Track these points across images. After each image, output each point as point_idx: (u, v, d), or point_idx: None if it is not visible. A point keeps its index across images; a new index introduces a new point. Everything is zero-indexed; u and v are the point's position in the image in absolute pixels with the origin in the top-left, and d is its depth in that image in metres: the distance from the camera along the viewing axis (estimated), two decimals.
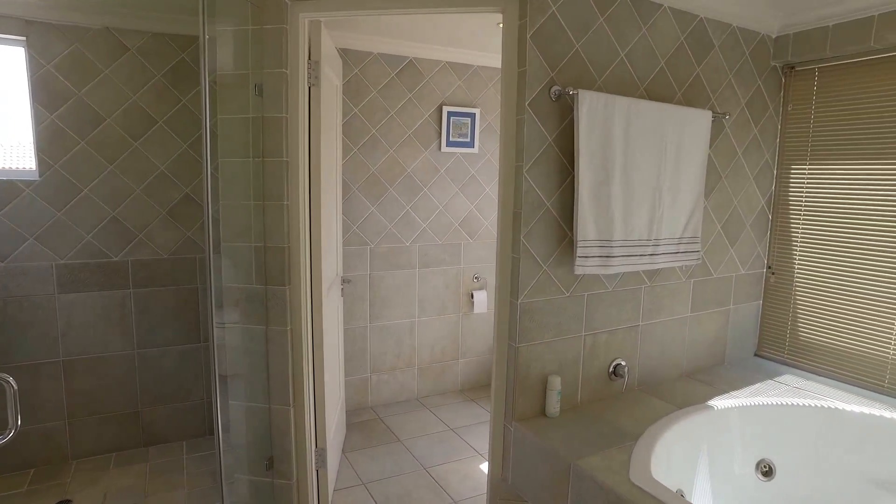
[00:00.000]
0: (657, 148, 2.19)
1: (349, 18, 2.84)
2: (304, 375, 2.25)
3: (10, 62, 2.60)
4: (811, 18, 2.45)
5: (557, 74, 2.03)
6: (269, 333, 2.23)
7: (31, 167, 2.65)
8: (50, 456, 2.76)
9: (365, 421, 3.38)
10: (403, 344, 3.63)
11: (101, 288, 2.78)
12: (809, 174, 2.61)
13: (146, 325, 2.89)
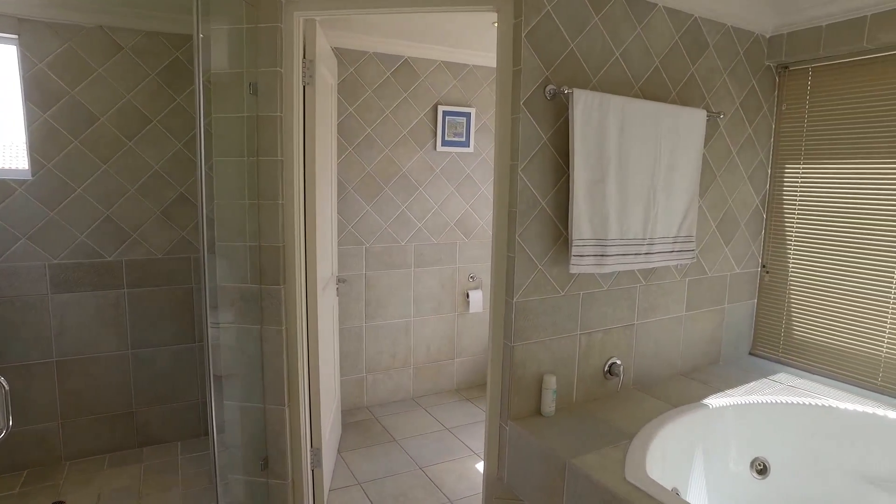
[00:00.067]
0: (652, 147, 2.20)
1: (344, 17, 2.83)
2: (299, 375, 2.24)
3: (1, 60, 2.58)
4: (804, 18, 2.46)
5: (552, 73, 2.03)
6: (264, 333, 2.22)
7: (23, 167, 2.64)
8: (43, 457, 2.74)
9: (360, 421, 3.38)
10: (399, 343, 3.63)
11: (94, 288, 2.76)
12: (803, 173, 2.62)
13: (140, 325, 2.88)
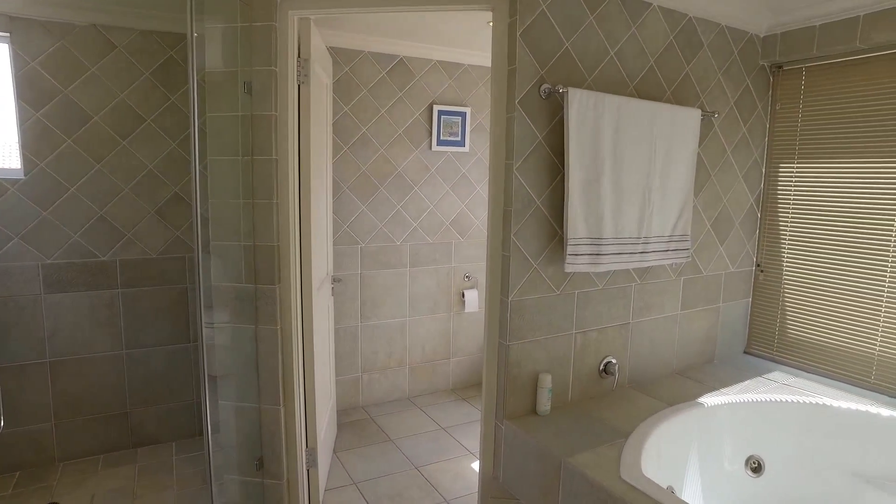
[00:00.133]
0: (647, 146, 2.20)
1: (339, 16, 2.83)
2: (294, 375, 2.23)
3: None
4: (798, 18, 2.47)
5: (547, 73, 2.03)
6: (258, 333, 2.21)
7: (16, 166, 2.62)
8: (36, 458, 2.72)
9: (356, 420, 3.37)
10: (394, 343, 3.62)
11: (88, 288, 2.75)
12: (797, 173, 2.64)
13: (135, 325, 2.87)
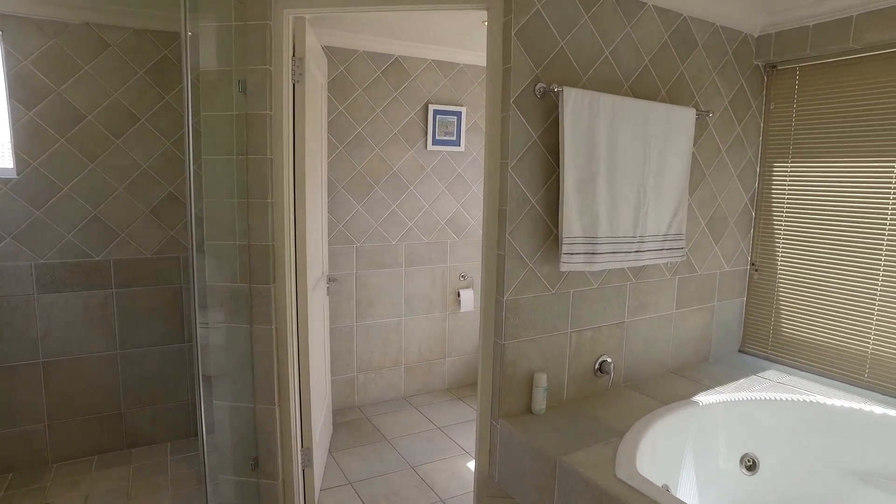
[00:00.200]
0: (642, 145, 2.21)
1: (334, 15, 2.82)
2: (289, 375, 2.23)
3: None
4: (792, 18, 2.48)
5: (542, 72, 2.03)
6: (253, 333, 2.21)
7: (8, 165, 2.60)
8: (29, 459, 2.71)
9: (351, 420, 3.37)
10: (390, 343, 3.62)
11: (82, 288, 2.73)
12: (791, 172, 2.65)
13: (129, 325, 2.85)
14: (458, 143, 3.63)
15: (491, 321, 2.13)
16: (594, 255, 2.14)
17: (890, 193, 2.30)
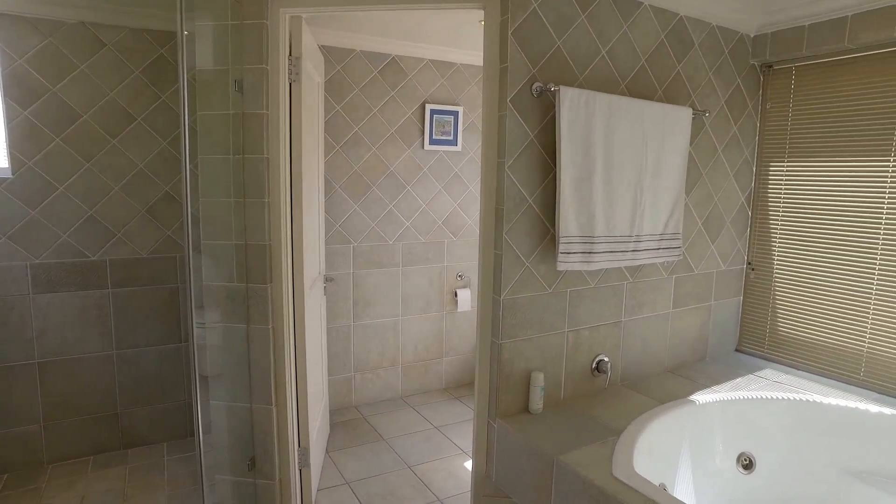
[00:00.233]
0: (638, 145, 2.21)
1: (330, 15, 2.82)
2: (286, 375, 2.22)
3: None
4: (788, 18, 2.48)
5: (539, 71, 2.03)
6: (250, 332, 2.20)
7: (3, 165, 2.59)
8: (25, 460, 2.70)
9: (349, 420, 3.36)
10: (387, 342, 3.62)
11: (78, 288, 2.72)
12: (787, 171, 2.65)
13: (125, 325, 2.84)
14: (455, 142, 3.62)
15: (488, 320, 2.13)
16: (591, 254, 2.14)
17: (885, 192, 2.31)
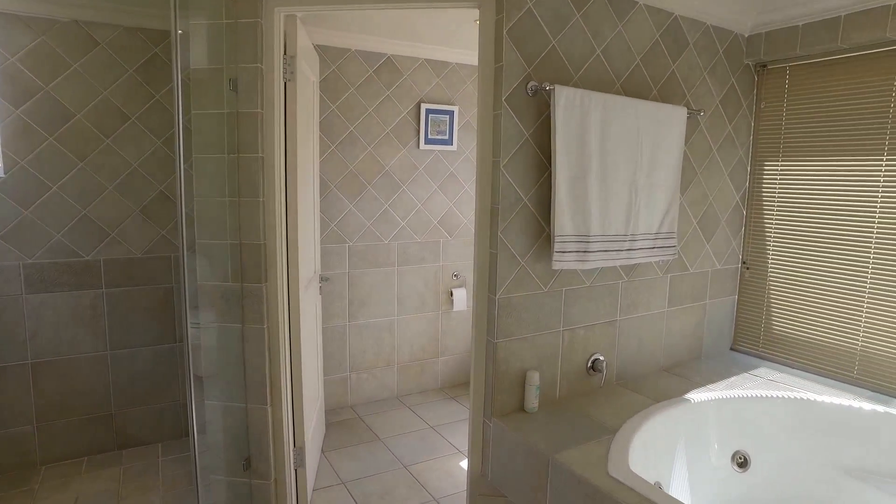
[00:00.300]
0: (633, 144, 2.21)
1: (325, 14, 2.82)
2: (281, 374, 2.22)
3: None
4: (782, 18, 2.49)
5: (534, 70, 2.03)
6: (245, 332, 2.19)
7: None
8: (18, 461, 2.68)
9: (344, 420, 3.36)
10: (383, 342, 3.61)
11: (71, 288, 2.71)
12: (782, 170, 2.66)
13: (119, 325, 2.83)
14: (450, 142, 3.62)
15: (483, 320, 2.13)
16: (586, 253, 2.14)
17: (878, 191, 2.32)
